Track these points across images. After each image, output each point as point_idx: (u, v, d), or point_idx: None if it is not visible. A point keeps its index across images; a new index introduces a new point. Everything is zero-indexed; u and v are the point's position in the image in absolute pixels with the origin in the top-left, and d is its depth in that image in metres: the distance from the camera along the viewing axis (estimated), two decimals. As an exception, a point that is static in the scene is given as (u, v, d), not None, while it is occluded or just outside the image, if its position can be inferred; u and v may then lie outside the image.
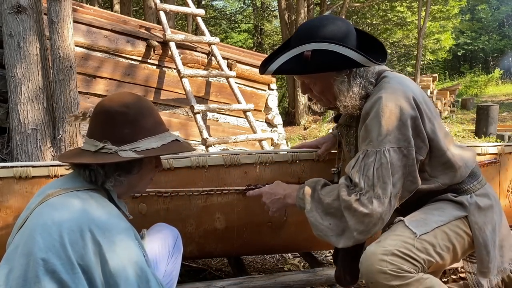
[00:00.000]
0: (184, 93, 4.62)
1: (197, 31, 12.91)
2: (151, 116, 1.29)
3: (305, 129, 11.11)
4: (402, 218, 1.48)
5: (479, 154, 2.07)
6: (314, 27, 1.50)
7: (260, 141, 4.68)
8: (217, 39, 5.16)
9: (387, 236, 1.44)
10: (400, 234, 1.42)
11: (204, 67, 5.14)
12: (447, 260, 1.49)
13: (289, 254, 2.68)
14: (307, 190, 1.53)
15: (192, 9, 5.41)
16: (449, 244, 1.46)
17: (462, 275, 2.28)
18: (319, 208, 1.48)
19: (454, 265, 2.21)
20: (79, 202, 1.13)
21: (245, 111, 4.82)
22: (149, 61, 4.78)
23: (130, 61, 4.65)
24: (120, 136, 1.22)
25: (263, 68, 1.58)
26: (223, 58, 5.10)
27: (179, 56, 4.66)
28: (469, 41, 26.36)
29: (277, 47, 1.66)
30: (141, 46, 4.70)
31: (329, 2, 12.22)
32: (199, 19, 5.37)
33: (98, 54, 4.43)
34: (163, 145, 1.27)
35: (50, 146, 3.14)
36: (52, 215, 1.09)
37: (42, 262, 1.03)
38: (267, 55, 1.75)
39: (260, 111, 5.84)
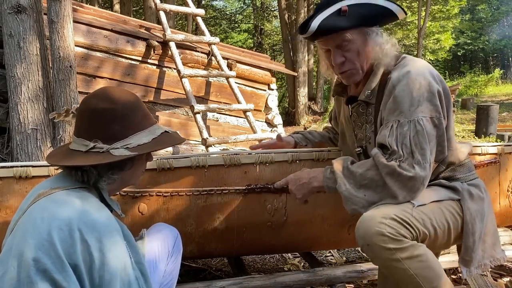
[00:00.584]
0: (184, 93, 4.61)
1: (197, 31, 12.91)
2: (139, 110, 1.26)
3: (305, 129, 11.07)
4: None
5: (479, 154, 2.07)
6: None
7: (260, 141, 4.67)
8: (217, 39, 5.16)
9: (386, 205, 1.45)
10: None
11: (204, 67, 5.14)
12: (439, 238, 1.51)
13: (289, 254, 2.68)
14: (337, 167, 1.54)
15: (192, 9, 5.41)
16: (445, 222, 1.49)
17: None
18: (351, 181, 1.48)
19: (454, 265, 2.21)
20: (68, 201, 1.12)
21: (245, 111, 4.82)
22: (149, 61, 4.78)
23: (130, 61, 4.65)
24: (110, 134, 1.20)
25: (303, 30, 1.58)
26: (223, 58, 5.10)
27: (179, 56, 4.66)
28: (469, 41, 26.36)
29: (277, 47, 1.66)
30: (141, 46, 4.70)
31: (329, 2, 12.22)
32: (199, 19, 5.37)
33: (98, 54, 4.44)
34: (153, 139, 1.26)
35: (50, 146, 3.14)
36: (42, 214, 1.08)
37: (33, 262, 1.02)
38: (267, 55, 1.75)
39: (260, 111, 5.85)
